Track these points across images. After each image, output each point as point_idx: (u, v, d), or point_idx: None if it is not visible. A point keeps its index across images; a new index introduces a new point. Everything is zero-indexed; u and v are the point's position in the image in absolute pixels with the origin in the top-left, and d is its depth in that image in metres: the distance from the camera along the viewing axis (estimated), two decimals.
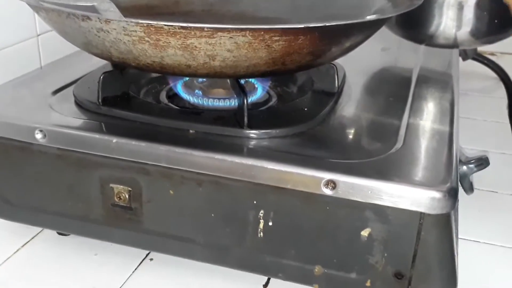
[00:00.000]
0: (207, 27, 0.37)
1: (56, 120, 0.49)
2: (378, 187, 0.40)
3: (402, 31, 0.70)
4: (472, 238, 0.58)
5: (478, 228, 0.60)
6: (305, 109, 0.51)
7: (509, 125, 0.90)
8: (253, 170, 0.43)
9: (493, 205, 0.65)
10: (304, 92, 0.56)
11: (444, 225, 0.40)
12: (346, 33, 0.44)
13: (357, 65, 0.64)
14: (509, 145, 0.81)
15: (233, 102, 0.53)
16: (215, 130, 0.47)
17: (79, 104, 0.51)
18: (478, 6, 0.64)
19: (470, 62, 0.97)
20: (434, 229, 0.40)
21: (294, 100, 0.54)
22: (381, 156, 0.44)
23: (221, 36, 0.39)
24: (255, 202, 0.44)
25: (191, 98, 0.54)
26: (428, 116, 0.53)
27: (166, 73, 0.45)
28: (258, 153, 0.44)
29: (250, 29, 0.37)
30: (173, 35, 0.39)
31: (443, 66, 0.69)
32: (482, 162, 0.53)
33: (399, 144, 0.46)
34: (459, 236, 0.55)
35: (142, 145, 0.45)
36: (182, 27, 0.37)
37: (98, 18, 0.39)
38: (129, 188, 0.48)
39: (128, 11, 0.62)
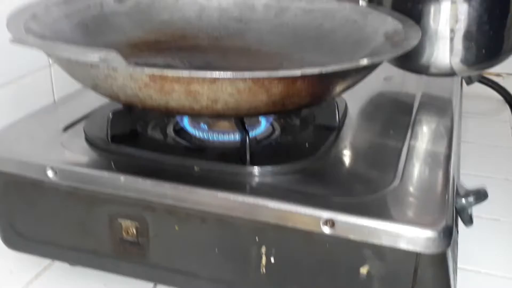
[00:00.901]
0: (209, 77, 0.39)
1: (67, 158, 0.51)
2: (375, 227, 0.42)
3: (400, 63, 0.72)
4: (473, 268, 0.59)
5: (479, 257, 0.61)
6: (307, 144, 0.53)
7: None
8: (254, 209, 0.44)
9: (495, 233, 0.66)
10: (306, 125, 0.58)
11: (439, 263, 0.42)
12: (343, 76, 0.45)
13: (360, 96, 0.66)
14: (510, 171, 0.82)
15: (237, 136, 0.55)
16: (219, 167, 0.49)
17: (89, 141, 0.53)
18: (465, 37, 0.66)
19: (475, 83, 0.98)
20: (430, 267, 0.42)
21: (296, 134, 0.56)
22: (379, 194, 0.45)
23: (222, 82, 0.41)
24: (257, 239, 0.46)
25: (196, 132, 0.56)
26: (426, 150, 0.54)
27: (171, 113, 0.47)
28: (260, 192, 0.46)
29: (250, 78, 0.39)
30: (177, 81, 0.40)
31: (445, 92, 0.71)
32: (480, 196, 0.54)
33: (397, 180, 0.47)
34: (459, 266, 0.57)
35: (148, 183, 0.47)
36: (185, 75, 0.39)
37: (106, 65, 0.41)
38: (137, 224, 0.49)
39: (137, 47, 0.64)
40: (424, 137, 0.58)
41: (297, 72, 0.40)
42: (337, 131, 0.56)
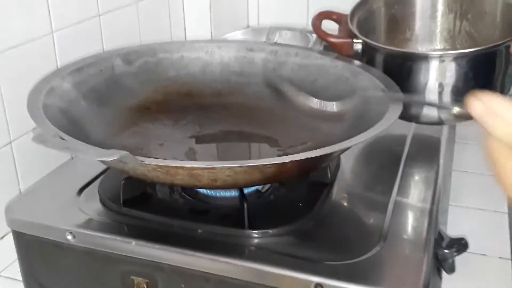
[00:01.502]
0: (208, 167, 0.45)
1: (84, 222, 0.56)
2: None
3: None
4: None
5: None
6: (300, 204, 0.58)
7: None
8: (252, 272, 0.50)
9: (482, 269, 0.70)
10: (300, 180, 0.63)
11: None
12: (330, 155, 0.51)
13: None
14: (502, 202, 0.86)
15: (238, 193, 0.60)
16: (220, 230, 0.54)
17: (103, 204, 0.59)
18: (453, 92, 0.70)
19: None
20: None
21: (291, 189, 0.61)
22: (364, 258, 0.50)
23: (220, 168, 0.46)
24: None
25: (201, 190, 0.61)
26: (410, 207, 0.59)
27: (176, 186, 0.53)
28: (257, 256, 0.51)
29: (245, 166, 0.45)
30: (180, 168, 0.46)
31: (436, 132, 0.76)
32: (460, 248, 0.59)
33: (381, 243, 0.52)
34: None
35: (156, 247, 0.53)
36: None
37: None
38: (147, 280, 0.55)
39: (147, 108, 0.70)
40: (410, 190, 0.63)
41: (286, 159, 0.45)
42: (329, 187, 0.61)
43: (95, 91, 0.66)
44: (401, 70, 0.70)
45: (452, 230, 0.77)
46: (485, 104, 0.36)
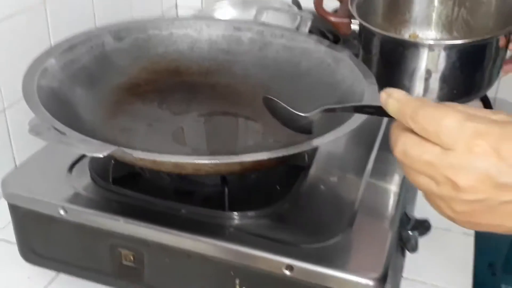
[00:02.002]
0: (190, 162, 0.48)
1: (75, 198, 0.60)
2: (325, 273, 0.52)
3: None
4: (419, 279, 0.70)
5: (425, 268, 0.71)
6: (278, 187, 0.62)
7: None
8: (230, 252, 0.55)
9: (446, 244, 0.76)
10: None
11: None
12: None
13: None
14: None
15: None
16: (202, 211, 0.59)
17: (94, 180, 0.63)
18: (439, 79, 0.74)
19: None
20: None
21: (270, 173, 0.65)
22: (332, 241, 0.55)
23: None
24: (232, 273, 0.56)
25: None
26: (379, 190, 0.64)
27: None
28: (235, 238, 0.56)
29: (224, 163, 0.49)
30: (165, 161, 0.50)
31: None
32: (423, 230, 0.64)
33: (349, 228, 0.57)
34: (407, 277, 0.67)
35: (142, 225, 0.57)
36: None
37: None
38: (134, 253, 0.60)
39: (136, 85, 0.73)
40: (381, 172, 0.67)
41: (264, 155, 0.49)
42: (306, 170, 0.65)
43: (86, 70, 0.69)
44: (393, 54, 0.74)
45: (421, 204, 0.82)
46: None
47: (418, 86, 0.76)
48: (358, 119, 0.55)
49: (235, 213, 0.58)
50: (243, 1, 1.02)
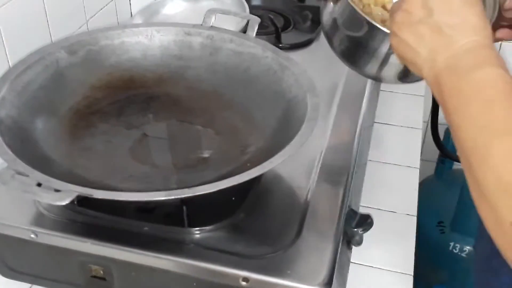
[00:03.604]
0: (147, 200, 0.53)
1: (44, 221, 0.65)
2: (278, 283, 0.59)
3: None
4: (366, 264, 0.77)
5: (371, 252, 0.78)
6: (233, 198, 0.68)
7: (421, 131, 1.06)
8: (191, 267, 0.60)
9: (390, 226, 0.83)
10: None
11: None
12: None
13: None
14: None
15: None
16: (164, 228, 0.64)
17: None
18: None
19: None
20: None
21: None
22: (283, 252, 0.61)
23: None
24: (195, 284, 0.62)
25: None
26: (326, 192, 0.70)
27: None
28: (194, 254, 0.61)
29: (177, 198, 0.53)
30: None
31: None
32: (366, 227, 0.71)
33: (297, 237, 0.63)
34: (356, 262, 0.74)
35: (109, 246, 0.62)
36: None
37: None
38: (103, 268, 0.65)
39: (93, 101, 0.76)
40: (327, 174, 0.73)
41: (213, 187, 0.54)
42: (258, 178, 0.70)
43: (43, 91, 0.71)
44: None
45: (368, 185, 0.89)
46: None
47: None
48: (305, 135, 0.60)
49: (194, 229, 0.63)
50: None
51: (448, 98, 0.48)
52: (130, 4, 1.18)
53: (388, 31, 0.58)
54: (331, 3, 0.67)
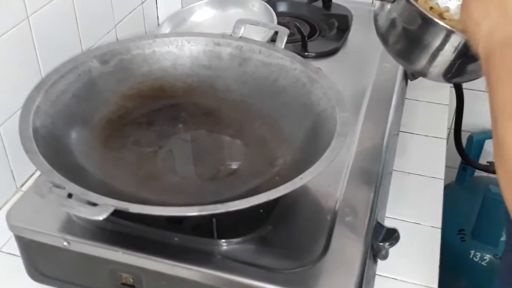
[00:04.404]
0: (177, 215, 0.54)
1: (77, 229, 0.66)
2: None
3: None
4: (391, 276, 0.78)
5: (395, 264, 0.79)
6: (261, 210, 0.69)
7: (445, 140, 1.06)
8: (219, 280, 0.62)
9: (415, 237, 0.84)
10: None
11: None
12: None
13: None
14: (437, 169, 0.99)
15: None
16: (193, 239, 0.65)
17: None
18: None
19: None
20: None
21: None
22: (310, 266, 0.62)
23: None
24: None
25: None
26: (353, 209, 0.70)
27: None
28: (223, 266, 0.62)
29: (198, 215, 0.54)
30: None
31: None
32: (393, 242, 0.71)
33: (325, 252, 0.64)
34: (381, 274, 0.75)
35: (140, 256, 0.63)
36: None
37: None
38: (133, 276, 0.66)
39: (124, 108, 0.77)
40: (354, 186, 0.73)
41: (237, 204, 0.55)
42: None
43: (76, 98, 0.73)
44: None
45: (393, 195, 0.89)
46: None
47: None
48: (335, 151, 0.61)
49: (223, 240, 0.64)
50: (220, 0, 1.05)
51: (494, 70, 0.51)
52: (157, 8, 1.20)
53: (446, 26, 0.68)
54: (389, 5, 0.76)
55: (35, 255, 0.70)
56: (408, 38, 0.75)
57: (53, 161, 0.60)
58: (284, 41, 0.81)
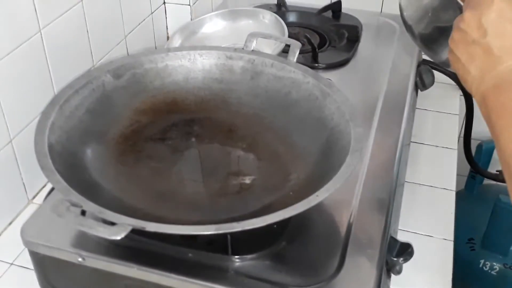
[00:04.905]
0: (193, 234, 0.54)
1: (91, 245, 0.66)
2: None
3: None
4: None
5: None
6: (275, 226, 0.68)
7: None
8: None
9: (426, 250, 0.83)
10: None
11: None
12: None
13: None
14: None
15: None
16: (207, 255, 0.65)
17: None
18: None
19: None
20: None
21: None
22: (324, 283, 0.62)
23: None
24: None
25: None
26: (367, 224, 0.70)
27: None
28: (237, 282, 0.62)
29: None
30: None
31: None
32: (407, 257, 0.71)
33: (339, 268, 0.64)
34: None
35: (155, 272, 0.64)
36: None
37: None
38: None
39: (137, 122, 0.77)
40: (368, 202, 0.73)
41: (251, 224, 0.55)
42: None
43: (89, 112, 0.73)
44: None
45: (404, 207, 0.89)
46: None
47: None
48: (350, 167, 0.61)
49: (236, 256, 0.64)
50: (230, 12, 1.05)
51: (493, 115, 0.52)
52: (166, 19, 1.20)
53: None
54: None
55: (49, 270, 0.70)
56: (436, 27, 0.74)
57: (68, 178, 0.60)
58: (296, 55, 0.82)
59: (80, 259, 0.66)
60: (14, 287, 0.78)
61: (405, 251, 0.71)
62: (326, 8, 1.19)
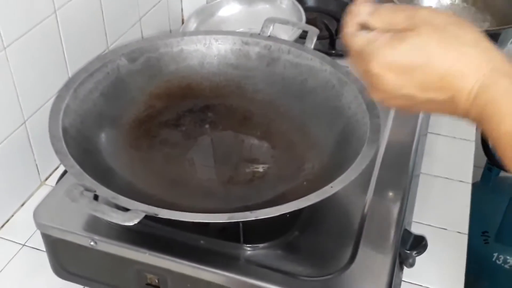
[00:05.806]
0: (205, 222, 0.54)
1: (104, 229, 0.66)
2: None
3: None
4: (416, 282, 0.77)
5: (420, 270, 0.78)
6: (287, 215, 0.68)
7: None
8: (244, 285, 0.61)
9: (441, 242, 0.82)
10: None
11: None
12: None
13: None
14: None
15: None
16: (219, 243, 0.64)
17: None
18: None
19: None
20: None
21: None
22: (337, 274, 0.61)
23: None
24: None
25: None
26: (381, 216, 0.69)
27: None
28: (248, 271, 0.62)
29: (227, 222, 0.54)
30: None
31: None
32: (420, 250, 0.70)
33: (352, 260, 0.63)
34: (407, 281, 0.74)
35: (166, 258, 0.63)
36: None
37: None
38: (158, 277, 0.66)
39: (152, 108, 0.77)
40: (382, 194, 0.72)
41: (264, 213, 0.54)
42: None
43: (104, 96, 0.73)
44: None
45: (419, 198, 0.88)
46: None
47: None
48: (366, 158, 0.60)
49: (249, 245, 0.64)
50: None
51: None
52: (181, 1, 1.19)
53: None
54: None
55: (61, 252, 0.70)
56: None
57: (82, 162, 0.60)
58: (314, 41, 0.80)
59: (92, 243, 0.65)
60: (26, 268, 0.78)
61: (419, 244, 0.70)
62: None
